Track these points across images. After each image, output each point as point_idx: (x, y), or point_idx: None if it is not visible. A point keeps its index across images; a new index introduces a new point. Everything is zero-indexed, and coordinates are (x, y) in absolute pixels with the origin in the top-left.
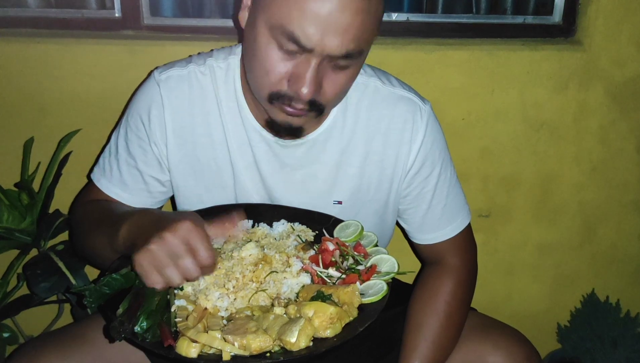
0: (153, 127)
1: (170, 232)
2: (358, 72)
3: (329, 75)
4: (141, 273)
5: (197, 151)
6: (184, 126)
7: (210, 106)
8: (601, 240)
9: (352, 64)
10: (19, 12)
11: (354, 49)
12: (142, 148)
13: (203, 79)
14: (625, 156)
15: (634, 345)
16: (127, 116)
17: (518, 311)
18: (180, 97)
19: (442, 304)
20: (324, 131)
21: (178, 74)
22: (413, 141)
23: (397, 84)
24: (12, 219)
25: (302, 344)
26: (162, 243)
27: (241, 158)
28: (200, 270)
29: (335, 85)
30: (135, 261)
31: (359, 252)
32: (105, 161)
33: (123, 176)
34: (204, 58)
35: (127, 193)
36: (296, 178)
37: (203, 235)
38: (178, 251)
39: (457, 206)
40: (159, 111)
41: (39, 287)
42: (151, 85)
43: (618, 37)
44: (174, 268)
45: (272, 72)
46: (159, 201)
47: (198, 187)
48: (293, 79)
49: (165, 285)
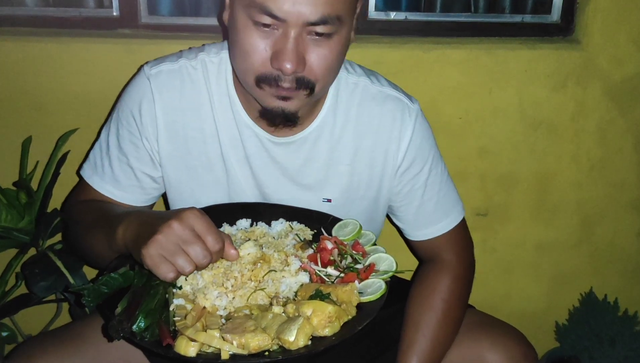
0: (144, 122)
1: (177, 220)
2: (342, 49)
3: (311, 48)
4: (151, 265)
5: (189, 145)
6: (175, 121)
7: (201, 100)
8: (599, 239)
9: (332, 33)
10: (17, 11)
11: (330, 14)
12: (134, 144)
13: (194, 74)
14: (623, 155)
15: (632, 343)
16: (117, 112)
17: (516, 310)
18: (171, 92)
19: (439, 301)
20: (314, 129)
21: (169, 68)
22: (401, 138)
23: (386, 83)
24: (10, 218)
25: (301, 343)
26: (170, 232)
27: (233, 153)
28: (211, 255)
29: (320, 58)
30: (144, 254)
31: (357, 251)
32: (96, 158)
33: (115, 173)
34: (196, 53)
35: (119, 191)
36: (287, 175)
37: (209, 222)
38: (186, 237)
39: (450, 202)
40: (150, 105)
41: (38, 286)
42: (141, 80)
43: (616, 36)
44: (184, 255)
45: (254, 54)
46: (152, 198)
47: (191, 182)
48: (275, 57)
49: (176, 275)
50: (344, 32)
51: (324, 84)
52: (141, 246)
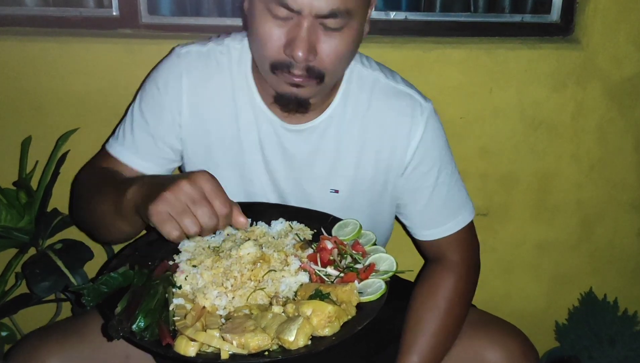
0: (170, 94)
1: (187, 180)
2: (354, 40)
3: (322, 39)
4: (157, 222)
5: (209, 125)
6: (198, 100)
7: (224, 83)
8: (599, 238)
9: (342, 25)
10: (17, 11)
11: (340, 7)
12: (157, 114)
13: (220, 58)
14: (623, 155)
15: (631, 343)
16: (144, 86)
17: (516, 310)
18: (198, 72)
19: (442, 300)
20: (325, 118)
21: (198, 50)
22: (411, 137)
23: (401, 81)
24: (10, 218)
25: (301, 343)
26: (179, 190)
27: (248, 136)
28: (217, 219)
29: (330, 48)
30: (151, 210)
31: (357, 251)
32: (119, 130)
33: (136, 139)
34: (223, 38)
35: (137, 157)
36: (296, 164)
37: (219, 185)
38: (195, 197)
39: (458, 203)
40: (177, 81)
41: (38, 286)
42: (171, 58)
43: (616, 36)
44: (191, 215)
45: (269, 41)
46: (167, 170)
47: (207, 161)
48: (287, 45)
49: (181, 234)
50: (355, 25)
51: (333, 74)
52: (149, 203)
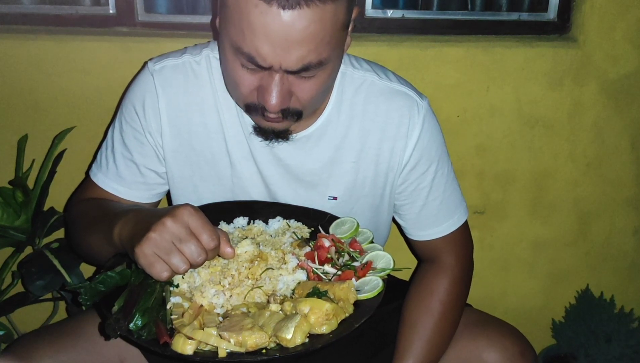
0: (148, 117)
1: (171, 217)
2: (332, 75)
3: (297, 83)
4: (145, 264)
5: (193, 140)
6: (179, 116)
7: (205, 95)
8: (596, 236)
9: (317, 72)
10: (13, 9)
11: (312, 61)
12: (138, 139)
13: (198, 69)
14: (620, 153)
15: (628, 340)
16: (121, 109)
17: (513, 308)
18: (175, 87)
19: (437, 303)
20: (318, 127)
21: (172, 63)
22: (409, 136)
23: (395, 79)
24: (6, 216)
25: (298, 340)
26: (164, 229)
27: (238, 149)
28: (206, 254)
29: (306, 92)
30: (137, 253)
31: (354, 249)
32: (102, 156)
33: (119, 169)
34: (200, 48)
35: (124, 187)
36: (291, 172)
37: (204, 218)
38: (181, 235)
39: (454, 204)
40: (153, 100)
41: (34, 285)
42: (145, 76)
43: (612, 34)
44: (179, 254)
45: (242, 86)
46: (156, 194)
47: (194, 177)
48: (260, 92)
49: (171, 274)
50: (330, 66)
51: (311, 109)
52: (135, 245)
